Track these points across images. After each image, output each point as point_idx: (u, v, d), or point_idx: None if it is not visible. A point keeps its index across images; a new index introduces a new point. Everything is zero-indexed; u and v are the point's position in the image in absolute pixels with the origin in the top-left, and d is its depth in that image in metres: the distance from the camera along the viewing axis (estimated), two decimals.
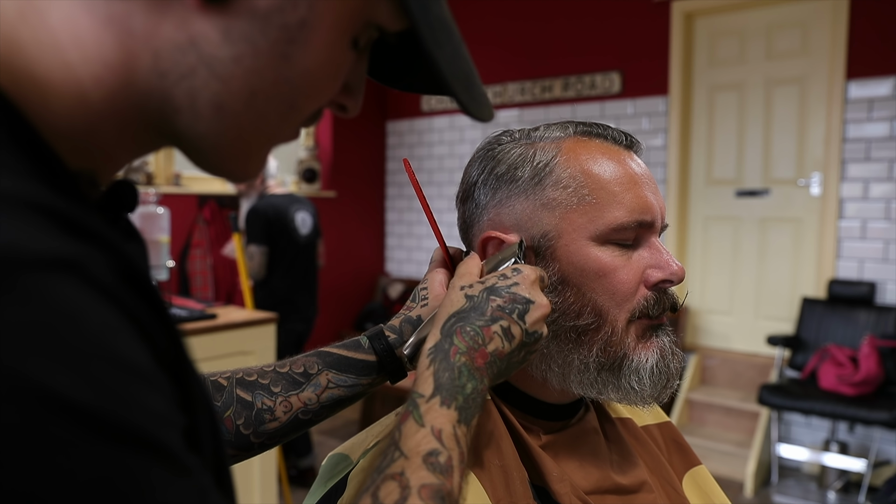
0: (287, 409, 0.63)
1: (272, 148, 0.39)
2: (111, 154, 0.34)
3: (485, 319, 0.52)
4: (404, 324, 0.66)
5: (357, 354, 0.65)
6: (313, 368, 0.64)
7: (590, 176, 0.62)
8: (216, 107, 0.34)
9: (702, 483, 0.73)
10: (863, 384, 2.93)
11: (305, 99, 0.37)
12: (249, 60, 0.34)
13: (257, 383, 0.63)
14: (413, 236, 4.99)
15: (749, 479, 3.12)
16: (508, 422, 0.63)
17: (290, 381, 0.63)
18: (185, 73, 0.33)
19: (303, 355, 0.66)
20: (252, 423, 0.62)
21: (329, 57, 0.36)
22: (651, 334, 0.62)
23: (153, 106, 0.34)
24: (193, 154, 0.37)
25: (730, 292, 3.77)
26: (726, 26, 3.69)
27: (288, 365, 0.65)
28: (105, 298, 0.26)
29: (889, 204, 3.23)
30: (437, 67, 0.38)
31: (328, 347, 0.66)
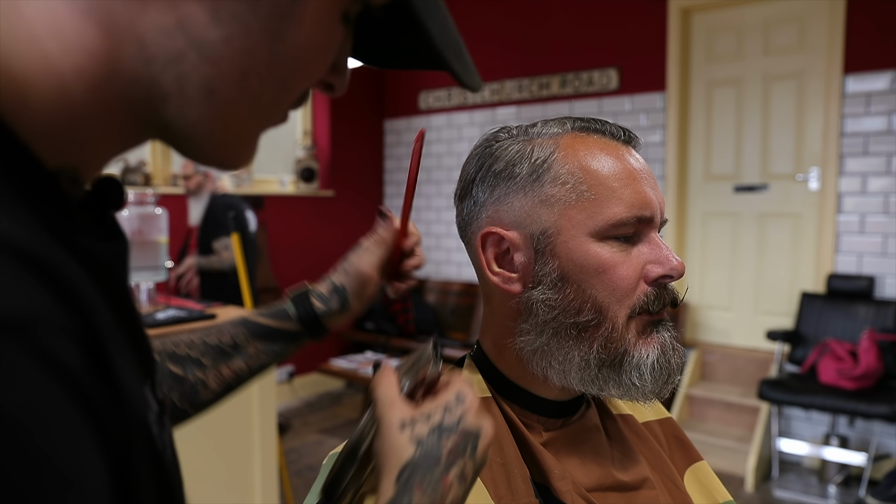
0: (219, 380, 0.65)
1: (263, 132, 0.38)
2: (96, 148, 0.33)
3: (441, 468, 0.47)
4: (333, 294, 0.69)
5: (283, 325, 0.67)
6: (240, 338, 0.66)
7: (588, 172, 0.61)
8: (207, 91, 0.33)
9: (703, 479, 0.73)
10: (862, 378, 2.93)
11: (298, 78, 0.36)
12: (240, 40, 0.33)
13: (188, 357, 0.64)
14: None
15: (750, 474, 3.13)
16: (509, 419, 0.63)
17: (220, 352, 0.65)
18: (172, 58, 0.32)
19: (229, 324, 0.67)
20: (187, 396, 0.64)
21: (321, 32, 0.35)
22: (651, 330, 0.62)
23: (140, 94, 0.32)
24: (184, 144, 0.35)
25: (729, 288, 3.77)
26: (723, 22, 3.69)
27: (214, 336, 0.66)
28: (46, 379, 0.23)
29: (887, 198, 3.23)
30: (428, 36, 0.37)
31: (254, 316, 0.68)
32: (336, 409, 4.36)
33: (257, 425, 2.10)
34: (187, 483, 1.65)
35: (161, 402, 0.37)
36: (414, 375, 0.53)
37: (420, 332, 4.50)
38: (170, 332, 1.89)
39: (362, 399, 3.76)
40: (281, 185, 4.58)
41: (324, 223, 4.72)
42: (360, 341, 4.67)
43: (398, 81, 4.92)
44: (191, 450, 1.94)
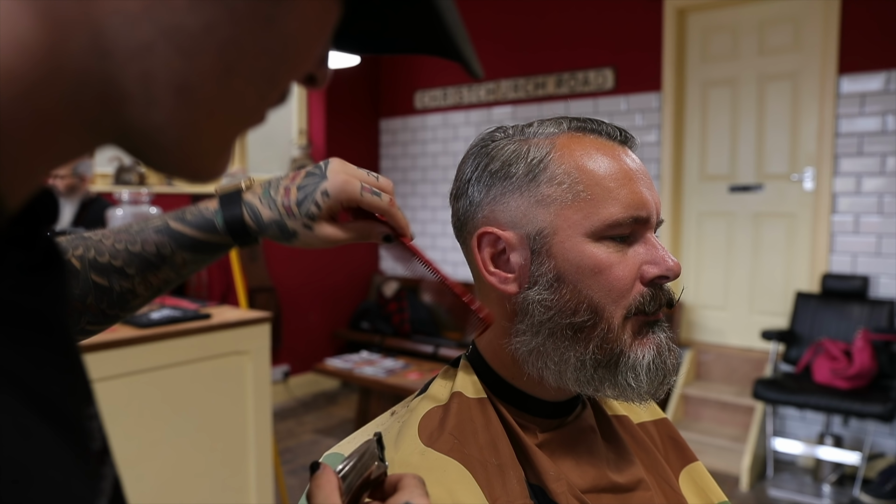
0: (148, 287, 0.62)
1: (240, 136, 0.32)
2: (25, 166, 0.26)
3: None
4: (273, 224, 0.61)
5: (212, 238, 0.62)
6: (166, 249, 0.62)
7: (584, 172, 0.61)
8: (179, 90, 0.27)
9: (698, 480, 0.73)
10: (857, 378, 2.95)
11: (287, 71, 0.31)
12: (224, 28, 0.27)
13: (111, 266, 0.61)
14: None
15: (744, 474, 3.14)
16: (505, 420, 0.63)
17: (144, 261, 0.61)
18: (136, 51, 0.26)
19: (152, 230, 0.62)
20: (116, 303, 0.62)
21: (316, 16, 0.30)
22: (647, 331, 0.62)
23: (90, 96, 0.26)
24: (147, 151, 0.29)
25: (724, 287, 3.78)
26: (719, 22, 3.69)
27: (139, 244, 0.62)
28: None
29: (882, 198, 3.24)
30: (439, 14, 0.33)
31: (178, 224, 0.62)
32: (331, 408, 4.36)
33: (252, 425, 2.10)
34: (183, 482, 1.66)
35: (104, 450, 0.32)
36: (358, 476, 0.47)
37: (416, 332, 4.50)
38: (165, 332, 1.89)
39: (358, 398, 3.75)
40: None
41: None
42: (355, 341, 4.67)
43: (394, 81, 4.92)
44: (186, 450, 1.94)
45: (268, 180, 0.63)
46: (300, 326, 4.57)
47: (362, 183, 0.60)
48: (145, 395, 1.84)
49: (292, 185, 0.61)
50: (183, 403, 1.94)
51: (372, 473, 0.48)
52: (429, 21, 0.34)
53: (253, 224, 0.61)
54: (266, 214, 0.61)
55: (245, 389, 2.09)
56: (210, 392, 2.00)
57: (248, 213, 0.61)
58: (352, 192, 0.60)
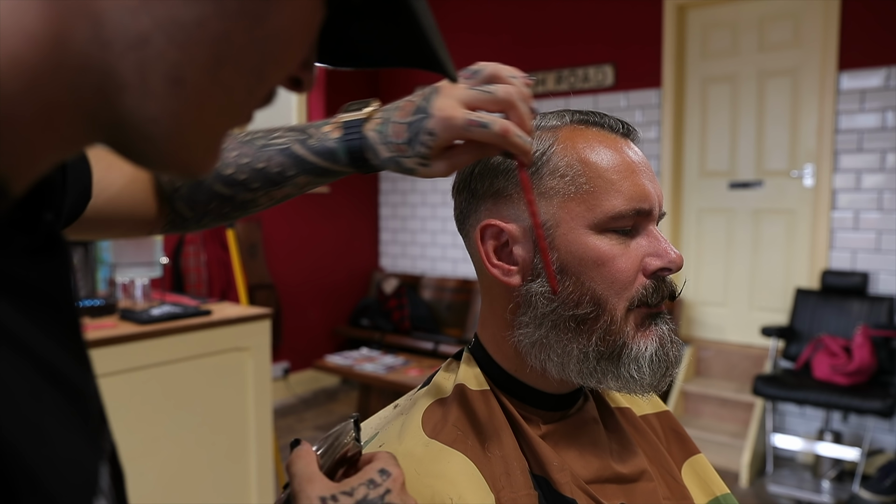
0: (270, 199, 0.65)
1: (228, 133, 0.33)
2: (29, 153, 0.27)
3: None
4: (391, 161, 0.60)
5: (333, 166, 0.63)
6: (289, 171, 0.63)
7: (587, 164, 0.61)
8: (173, 81, 0.28)
9: (701, 472, 0.73)
10: (856, 374, 2.95)
11: (275, 67, 0.32)
12: (216, 22, 0.28)
13: (235, 179, 0.63)
14: (407, 231, 4.98)
15: (744, 470, 3.14)
16: (508, 412, 0.63)
17: (267, 178, 0.63)
18: (134, 42, 0.27)
19: (276, 150, 0.63)
20: (238, 209, 0.65)
21: (303, 15, 0.32)
22: (650, 322, 0.62)
23: (90, 86, 0.27)
24: (139, 145, 0.30)
25: (724, 284, 3.78)
26: (719, 18, 3.69)
27: (263, 162, 0.63)
28: None
29: (881, 194, 3.24)
30: (415, 20, 0.34)
31: (303, 150, 0.62)
32: (331, 405, 4.36)
33: (252, 421, 2.10)
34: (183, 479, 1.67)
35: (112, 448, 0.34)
36: (334, 453, 0.50)
37: (415, 329, 4.50)
38: (166, 329, 1.89)
39: (358, 393, 3.76)
40: None
41: (319, 220, 4.71)
42: (355, 338, 4.67)
43: (393, 76, 4.91)
44: (187, 446, 1.94)
45: (386, 108, 0.61)
46: (300, 323, 4.57)
47: (467, 115, 0.56)
48: (146, 391, 1.85)
49: (403, 121, 0.58)
50: (183, 400, 1.94)
51: (348, 452, 0.50)
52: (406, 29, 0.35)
53: (373, 160, 0.61)
54: (383, 152, 0.60)
55: (245, 386, 2.09)
56: (210, 388, 2.00)
57: (367, 149, 0.60)
58: (456, 130, 0.57)
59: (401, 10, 0.34)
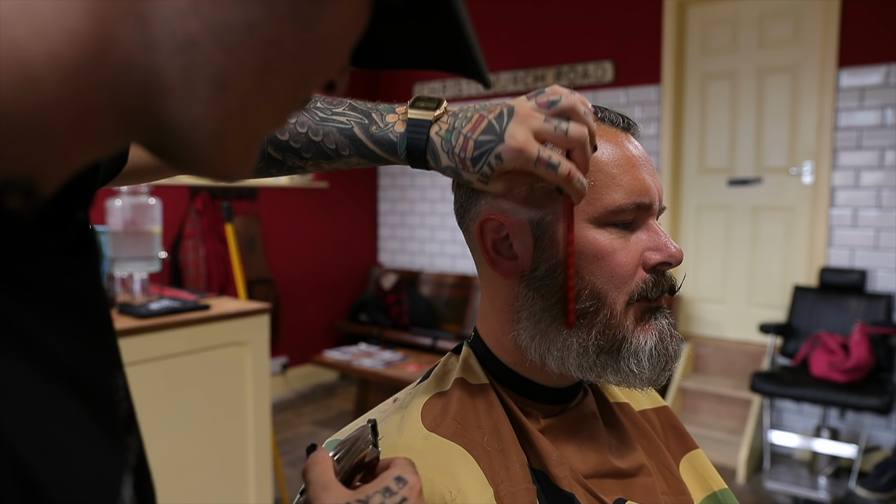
0: (317, 168, 0.66)
1: (266, 137, 0.34)
2: (64, 152, 0.26)
3: None
4: (449, 170, 0.60)
5: (390, 158, 0.63)
6: (345, 150, 0.63)
7: None
8: (219, 85, 0.28)
9: (699, 467, 0.73)
10: (854, 371, 2.96)
11: (320, 73, 0.31)
12: (267, 27, 0.28)
13: (289, 146, 0.63)
14: (406, 227, 4.98)
15: (741, 466, 3.15)
16: (507, 406, 0.63)
17: (321, 152, 0.64)
18: (182, 44, 0.27)
19: (335, 128, 0.63)
20: (284, 171, 0.66)
21: (351, 19, 0.31)
22: (650, 317, 0.62)
23: (133, 87, 0.27)
24: (177, 148, 0.30)
25: (722, 281, 3.79)
26: (719, 15, 3.69)
27: (320, 135, 0.63)
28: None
29: (880, 192, 3.25)
30: (459, 25, 0.34)
31: (362, 134, 0.63)
32: (330, 400, 4.37)
33: (251, 416, 2.10)
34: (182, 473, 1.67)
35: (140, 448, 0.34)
36: (351, 459, 0.49)
37: (414, 325, 4.50)
38: (164, 323, 1.88)
39: (356, 389, 3.76)
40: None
41: (318, 215, 4.71)
42: (353, 333, 4.67)
43: (393, 72, 4.90)
44: (185, 440, 1.94)
45: (455, 115, 0.61)
46: (299, 318, 4.57)
47: (539, 153, 0.55)
48: (144, 385, 1.85)
49: (472, 137, 0.58)
50: (182, 394, 1.94)
51: (366, 457, 0.50)
52: (447, 33, 0.35)
53: (432, 163, 0.61)
54: (444, 160, 0.59)
55: (244, 380, 2.09)
56: (209, 383, 2.01)
57: (429, 151, 0.60)
58: (525, 163, 0.56)
59: (442, 14, 0.34)
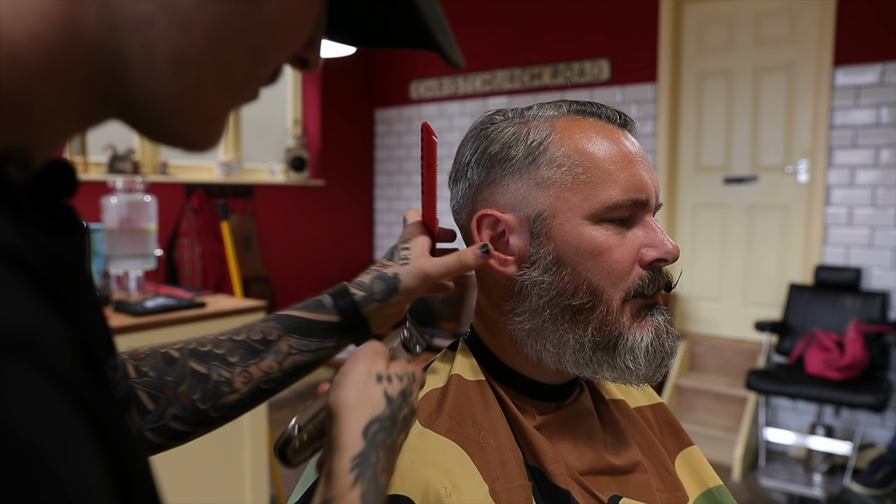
0: (247, 380, 0.59)
1: (233, 110, 0.35)
2: (50, 127, 0.29)
3: (397, 432, 0.49)
4: (376, 280, 0.63)
5: (320, 316, 0.61)
6: (272, 335, 0.60)
7: (584, 154, 0.61)
8: (176, 61, 0.30)
9: (694, 464, 0.73)
10: (849, 368, 2.96)
11: (274, 49, 0.33)
12: (214, 6, 0.30)
13: (212, 354, 0.59)
14: (402, 225, 4.97)
15: (737, 464, 3.16)
16: (503, 402, 0.63)
17: (248, 349, 0.59)
18: (139, 24, 0.29)
19: (260, 321, 0.61)
20: (210, 396, 0.58)
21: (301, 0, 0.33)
22: (646, 313, 0.62)
23: (101, 64, 0.29)
24: (147, 122, 0.32)
25: (718, 279, 3.79)
26: (715, 13, 3.69)
27: (244, 332, 0.60)
28: (53, 388, 0.22)
29: (875, 190, 3.25)
30: (415, 8, 0.35)
31: (288, 310, 0.62)
32: None
33: (247, 415, 2.09)
34: (178, 472, 1.67)
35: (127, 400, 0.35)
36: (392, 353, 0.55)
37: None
38: (160, 321, 1.88)
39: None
40: (271, 174, 4.56)
41: (314, 212, 4.70)
42: None
43: (389, 71, 4.90)
44: None
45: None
46: None
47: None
48: None
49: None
50: None
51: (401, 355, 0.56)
52: (405, 11, 0.36)
53: (359, 290, 0.62)
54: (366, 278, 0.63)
55: None
56: None
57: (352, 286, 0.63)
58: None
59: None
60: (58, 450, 0.22)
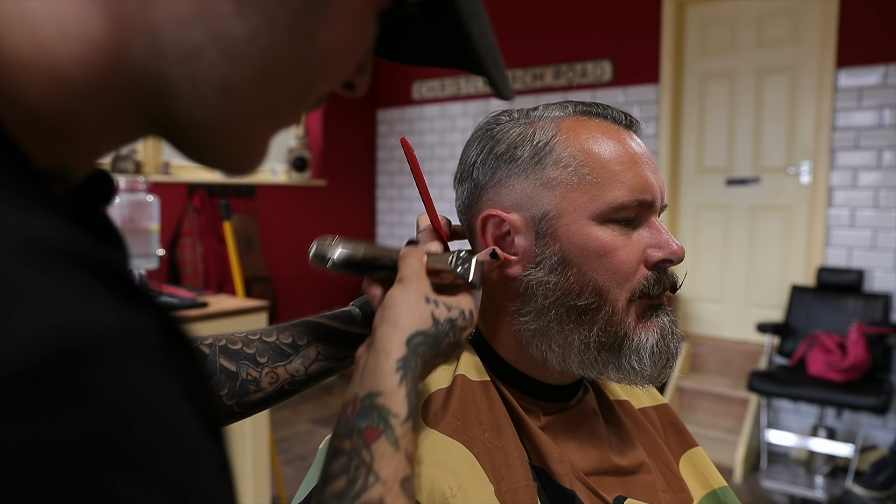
0: (273, 381, 0.61)
1: (275, 135, 0.35)
2: (91, 145, 0.29)
3: (436, 354, 0.52)
4: None
5: (349, 328, 0.64)
6: (302, 339, 0.63)
7: (590, 155, 0.61)
8: (222, 91, 0.30)
9: (699, 465, 0.73)
10: (851, 370, 2.96)
11: (323, 79, 0.33)
12: (265, 38, 0.29)
13: (242, 352, 0.61)
14: (404, 225, 4.97)
15: (738, 465, 3.15)
16: (508, 403, 0.63)
17: (278, 351, 0.62)
18: (188, 53, 0.29)
19: (290, 324, 0.64)
20: (236, 393, 0.60)
21: (353, 31, 0.32)
22: (651, 314, 0.62)
23: (146, 90, 0.29)
24: (189, 144, 0.32)
25: (720, 280, 3.79)
26: (718, 14, 3.69)
27: (275, 334, 0.63)
28: (160, 370, 0.23)
29: (877, 192, 3.25)
30: (470, 42, 0.35)
31: (318, 318, 0.64)
32: (327, 398, 4.36)
33: None
34: None
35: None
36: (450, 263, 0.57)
37: None
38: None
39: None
40: (273, 174, 4.56)
41: (316, 213, 4.70)
42: None
43: (391, 71, 4.90)
44: None
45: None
46: (297, 316, 4.55)
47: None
48: None
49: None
50: None
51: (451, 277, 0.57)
52: (460, 43, 0.36)
53: None
54: None
55: None
56: None
57: None
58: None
59: (448, 13, 0.35)
60: (190, 431, 0.23)
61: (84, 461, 0.19)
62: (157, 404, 0.22)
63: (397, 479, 0.44)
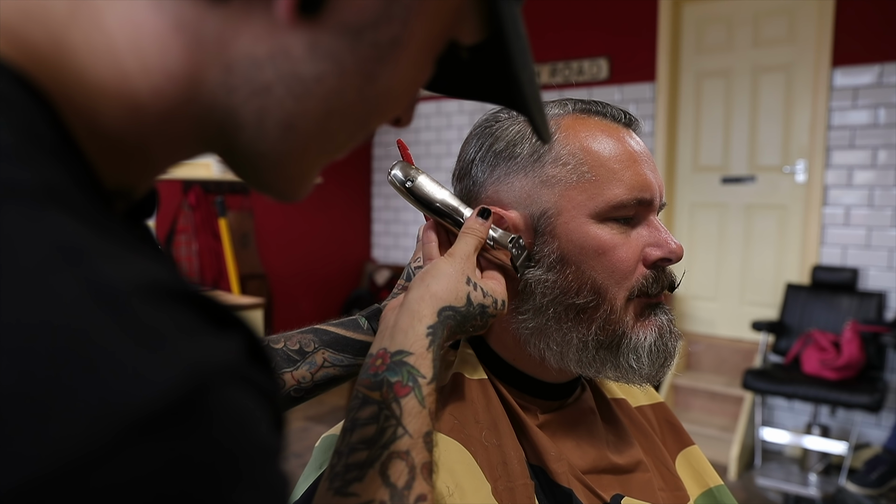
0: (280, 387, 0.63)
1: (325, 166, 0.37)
2: (157, 165, 0.32)
3: (461, 330, 0.56)
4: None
5: (356, 335, 0.65)
6: (309, 346, 0.64)
7: (589, 153, 0.61)
8: (286, 127, 0.31)
9: (695, 463, 0.73)
10: (845, 369, 2.97)
11: (378, 118, 0.35)
12: (332, 80, 0.31)
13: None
14: (400, 222, 4.97)
15: (733, 463, 3.17)
16: (505, 401, 0.63)
17: (284, 357, 0.63)
18: (257, 91, 0.30)
19: (297, 332, 0.65)
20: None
21: (413, 76, 0.34)
22: (649, 313, 0.62)
23: (214, 120, 0.31)
24: (245, 170, 0.34)
25: (715, 278, 3.80)
26: (714, 13, 3.69)
27: (282, 341, 0.64)
28: (250, 390, 0.25)
29: (872, 191, 3.26)
30: (519, 89, 0.37)
31: (325, 325, 0.65)
32: (323, 395, 4.34)
33: None
34: None
35: None
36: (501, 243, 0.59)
37: None
38: None
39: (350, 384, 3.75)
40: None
41: (311, 210, 4.69)
42: None
43: None
44: None
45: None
46: (292, 314, 4.55)
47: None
48: None
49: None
50: None
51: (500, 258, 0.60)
52: (508, 88, 0.38)
53: None
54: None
55: None
56: None
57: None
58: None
59: (502, 62, 0.36)
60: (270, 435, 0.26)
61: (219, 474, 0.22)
62: (253, 420, 0.24)
63: (421, 434, 0.49)
